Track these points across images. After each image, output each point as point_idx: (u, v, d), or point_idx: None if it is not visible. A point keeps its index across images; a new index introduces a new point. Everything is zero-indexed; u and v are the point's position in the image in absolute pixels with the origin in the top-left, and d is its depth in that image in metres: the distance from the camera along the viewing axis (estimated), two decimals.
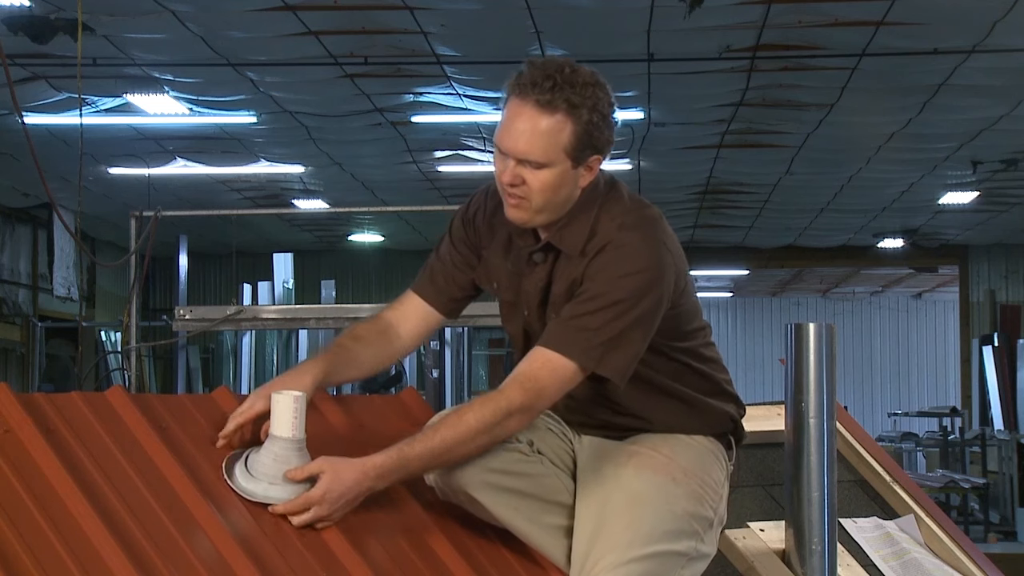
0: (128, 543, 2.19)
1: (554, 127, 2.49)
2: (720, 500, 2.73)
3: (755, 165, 12.34)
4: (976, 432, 14.62)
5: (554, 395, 2.54)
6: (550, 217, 2.60)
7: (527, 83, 2.51)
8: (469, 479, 2.57)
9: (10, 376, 14.07)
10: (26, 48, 8.10)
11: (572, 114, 2.50)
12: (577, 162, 2.55)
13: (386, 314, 2.82)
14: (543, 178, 2.53)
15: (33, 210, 14.28)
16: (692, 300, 2.71)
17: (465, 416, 2.49)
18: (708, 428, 2.77)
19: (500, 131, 2.55)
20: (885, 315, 23.69)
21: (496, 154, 2.58)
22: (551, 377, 2.51)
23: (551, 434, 2.73)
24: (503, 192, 2.59)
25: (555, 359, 2.51)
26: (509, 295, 2.74)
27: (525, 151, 2.51)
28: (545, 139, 2.50)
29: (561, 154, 2.51)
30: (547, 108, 2.49)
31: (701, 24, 7.74)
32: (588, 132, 2.52)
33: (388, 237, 17.36)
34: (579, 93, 2.50)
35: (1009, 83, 9.11)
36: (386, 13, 7.80)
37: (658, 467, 2.64)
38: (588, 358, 2.50)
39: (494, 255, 2.75)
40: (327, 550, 2.46)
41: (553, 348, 2.51)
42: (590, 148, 2.55)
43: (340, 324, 6.04)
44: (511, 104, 2.54)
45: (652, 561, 2.54)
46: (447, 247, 2.82)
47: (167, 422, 2.52)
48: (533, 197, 2.55)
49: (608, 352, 2.51)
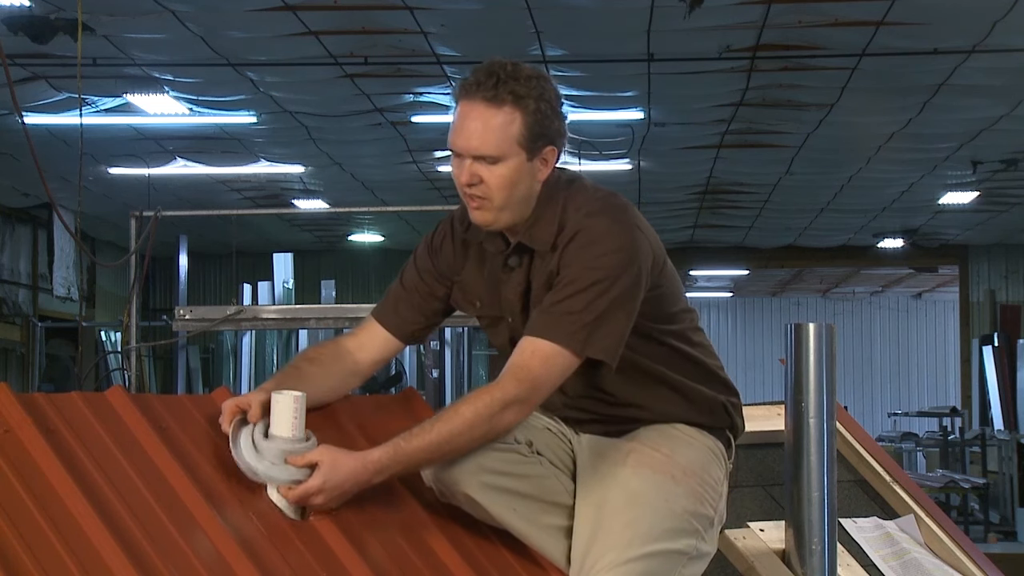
0: (128, 543, 2.19)
1: (504, 119, 2.54)
2: (720, 498, 2.73)
3: (755, 165, 12.34)
4: (976, 432, 14.62)
5: (548, 384, 2.54)
6: (514, 215, 2.62)
7: (472, 84, 2.56)
8: (467, 480, 2.57)
9: (10, 376, 14.06)
10: (26, 48, 8.10)
11: (519, 105, 2.55)
12: (532, 154, 2.58)
13: (344, 340, 2.83)
14: (500, 173, 2.56)
15: (33, 210, 14.28)
16: (674, 282, 2.72)
17: (461, 409, 2.50)
18: (704, 417, 2.76)
19: (452, 134, 2.59)
20: (885, 315, 23.69)
21: (452, 160, 2.61)
22: (543, 366, 2.51)
23: (550, 434, 2.73)
24: (464, 196, 2.61)
25: (543, 346, 2.52)
26: (492, 310, 2.74)
27: (478, 147, 2.55)
28: (496, 132, 2.54)
29: (514, 146, 2.55)
30: (494, 102, 2.54)
31: (701, 24, 7.74)
32: (538, 121, 2.56)
33: (388, 237, 17.36)
34: (523, 85, 2.55)
35: (1009, 83, 9.11)
36: (386, 13, 7.80)
37: (657, 465, 2.64)
38: (575, 341, 2.51)
39: (470, 275, 2.76)
40: (327, 550, 2.46)
41: (540, 336, 2.52)
42: (542, 139, 2.58)
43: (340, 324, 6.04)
44: (460, 107, 2.58)
45: (652, 560, 2.54)
46: (412, 277, 2.82)
47: (167, 422, 2.52)
48: (493, 195, 2.57)
49: (594, 333, 2.52)
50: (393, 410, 3.01)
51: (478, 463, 2.57)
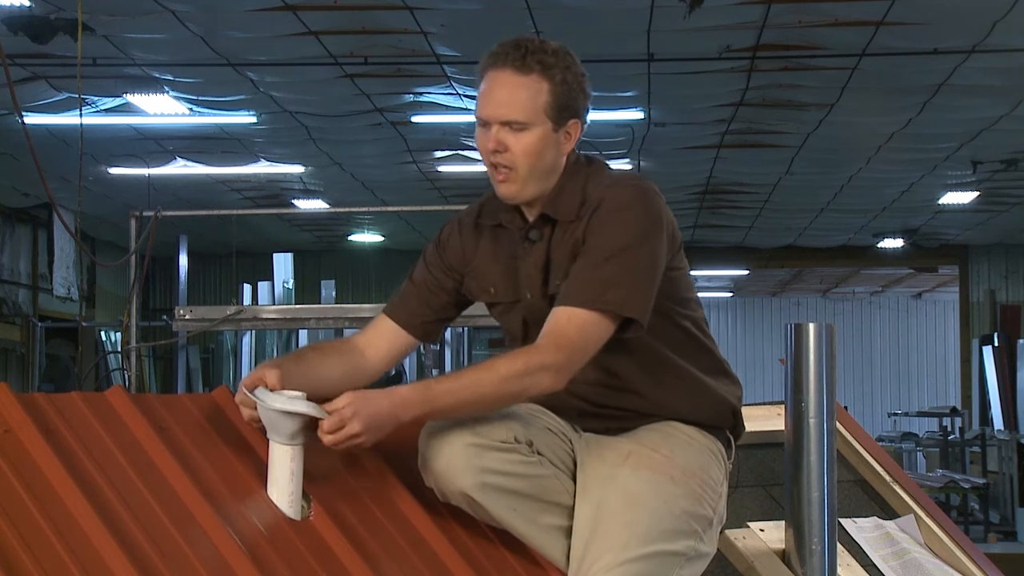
0: (128, 543, 2.19)
1: (531, 86, 2.60)
2: (719, 499, 2.72)
3: (755, 165, 12.35)
4: (976, 432, 14.62)
5: (585, 351, 2.55)
6: (538, 187, 2.65)
7: (499, 54, 2.62)
8: (467, 481, 2.57)
9: (10, 376, 14.06)
10: (26, 48, 8.10)
11: (547, 74, 2.60)
12: (557, 124, 2.63)
13: (353, 337, 2.83)
14: (526, 141, 2.60)
15: (33, 210, 14.28)
16: (688, 271, 2.77)
17: (497, 364, 2.51)
18: (705, 415, 2.76)
19: (479, 103, 2.64)
20: (885, 315, 23.69)
21: (478, 131, 2.66)
22: (579, 332, 2.53)
23: (551, 434, 2.73)
24: (490, 168, 2.65)
25: (579, 314, 2.53)
26: (507, 295, 2.75)
27: (505, 113, 2.60)
28: (524, 99, 2.59)
29: (541, 114, 2.60)
30: (522, 71, 2.60)
31: (701, 24, 7.74)
32: (565, 92, 2.62)
33: (388, 237, 17.36)
34: (551, 56, 2.62)
35: (1009, 83, 9.11)
36: (386, 13, 7.80)
37: (656, 466, 2.64)
38: (609, 304, 2.54)
39: (483, 262, 2.77)
40: (327, 550, 2.46)
41: (574, 304, 2.54)
42: (567, 110, 2.63)
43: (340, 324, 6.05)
44: (487, 76, 2.64)
45: (650, 561, 2.54)
46: (421, 272, 2.84)
47: (167, 422, 2.52)
48: (519, 163, 2.61)
49: (628, 294, 2.55)
50: None
51: (478, 464, 2.56)
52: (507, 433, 2.59)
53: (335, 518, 2.53)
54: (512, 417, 2.63)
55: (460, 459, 2.56)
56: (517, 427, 2.61)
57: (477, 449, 2.56)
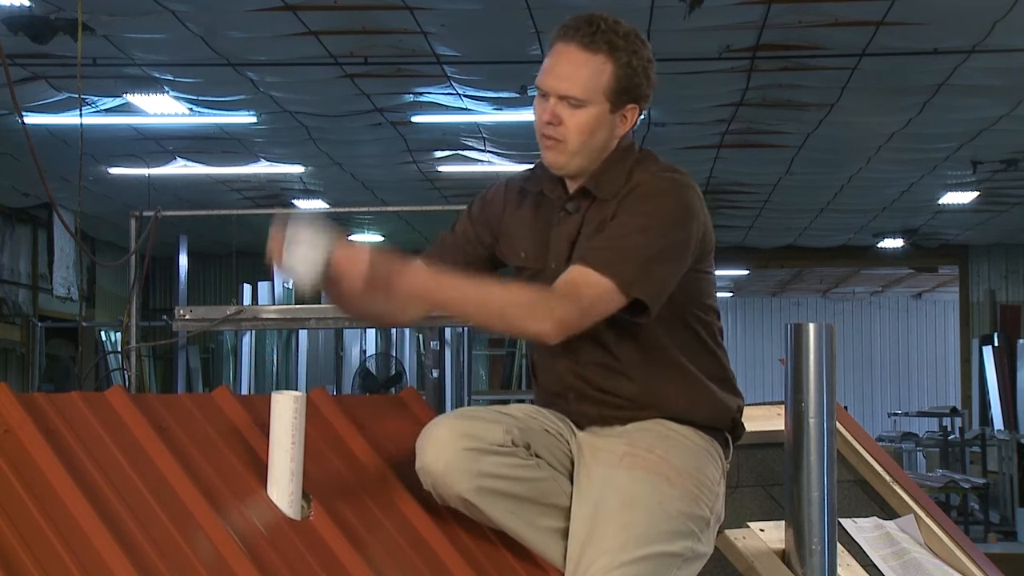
0: (128, 543, 2.19)
1: (595, 66, 2.61)
2: (716, 499, 2.72)
3: (755, 165, 12.35)
4: (976, 432, 14.63)
5: (591, 315, 2.52)
6: (584, 163, 2.66)
7: (571, 28, 2.64)
8: (465, 485, 2.55)
9: (10, 376, 14.07)
10: (26, 48, 8.10)
11: (613, 56, 2.61)
12: (615, 106, 2.64)
13: None
14: (580, 119, 2.61)
15: (33, 210, 14.28)
16: (713, 277, 2.76)
17: (511, 287, 2.53)
18: (704, 417, 2.74)
19: (542, 73, 2.65)
20: (885, 315, 23.70)
21: (536, 100, 2.67)
22: (591, 294, 2.51)
23: (548, 436, 2.72)
24: (540, 138, 2.66)
25: (594, 276, 2.52)
26: (536, 261, 2.75)
27: (566, 88, 2.60)
28: (585, 76, 2.60)
29: (599, 95, 2.61)
30: (589, 48, 2.61)
31: (701, 24, 7.74)
32: (628, 76, 2.63)
33: (388, 237, 17.35)
34: (621, 38, 2.63)
35: (1009, 83, 9.11)
36: (386, 13, 7.80)
37: (652, 467, 2.63)
38: (624, 277, 2.52)
39: (518, 225, 2.79)
40: (327, 550, 2.46)
41: (591, 266, 2.53)
42: (628, 95, 2.65)
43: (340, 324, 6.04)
44: (555, 47, 2.65)
45: (647, 563, 2.53)
46: (463, 223, 2.86)
47: (167, 422, 2.52)
48: (570, 138, 2.62)
49: (642, 274, 2.53)
50: (393, 410, 3.01)
51: (475, 468, 2.55)
52: (505, 436, 2.58)
53: (335, 518, 2.53)
54: (510, 419, 2.62)
55: (457, 463, 2.54)
56: (515, 430, 2.60)
57: (474, 453, 2.54)
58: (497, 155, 11.74)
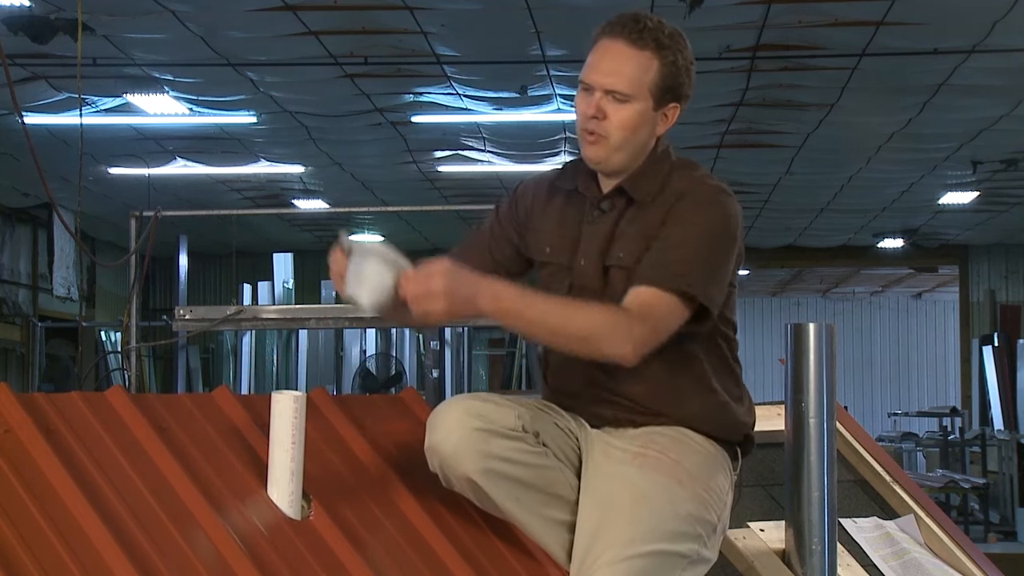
0: (128, 543, 2.19)
1: (642, 62, 2.63)
2: (724, 507, 2.73)
3: (755, 165, 12.35)
4: (976, 432, 14.62)
5: (664, 332, 2.56)
6: (624, 160, 2.68)
7: (617, 24, 2.66)
8: (473, 465, 2.57)
9: (10, 376, 14.07)
10: (26, 48, 8.10)
11: (659, 54, 2.64)
12: (658, 104, 2.67)
13: None
14: (624, 114, 2.63)
15: (33, 210, 14.28)
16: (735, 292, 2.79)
17: (592, 309, 2.53)
18: (717, 429, 2.76)
19: (587, 68, 2.66)
20: (885, 315, 23.69)
21: (579, 94, 2.68)
22: (664, 313, 2.55)
23: (557, 429, 2.73)
24: (581, 133, 2.67)
25: (663, 295, 2.55)
26: (560, 257, 2.76)
27: (612, 83, 2.62)
28: (632, 72, 2.62)
29: (645, 91, 2.64)
30: (637, 44, 2.63)
31: (701, 24, 7.74)
32: (673, 74, 2.66)
33: (388, 237, 17.34)
34: (667, 37, 2.66)
35: (1009, 83, 9.12)
36: (386, 13, 7.80)
37: (664, 468, 2.64)
38: (689, 290, 2.56)
39: (547, 220, 2.80)
40: (327, 550, 2.46)
41: (658, 285, 2.56)
42: (671, 93, 2.67)
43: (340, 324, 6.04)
44: (600, 43, 2.66)
45: (652, 559, 2.54)
46: (491, 220, 2.87)
47: (167, 422, 2.52)
48: (612, 134, 2.64)
49: (704, 282, 2.58)
50: (393, 410, 3.01)
51: (484, 449, 2.56)
52: (515, 421, 2.59)
53: (335, 518, 2.53)
54: (521, 406, 2.64)
55: (467, 443, 2.56)
56: (525, 416, 2.62)
57: (484, 434, 2.56)
58: (497, 155, 11.74)
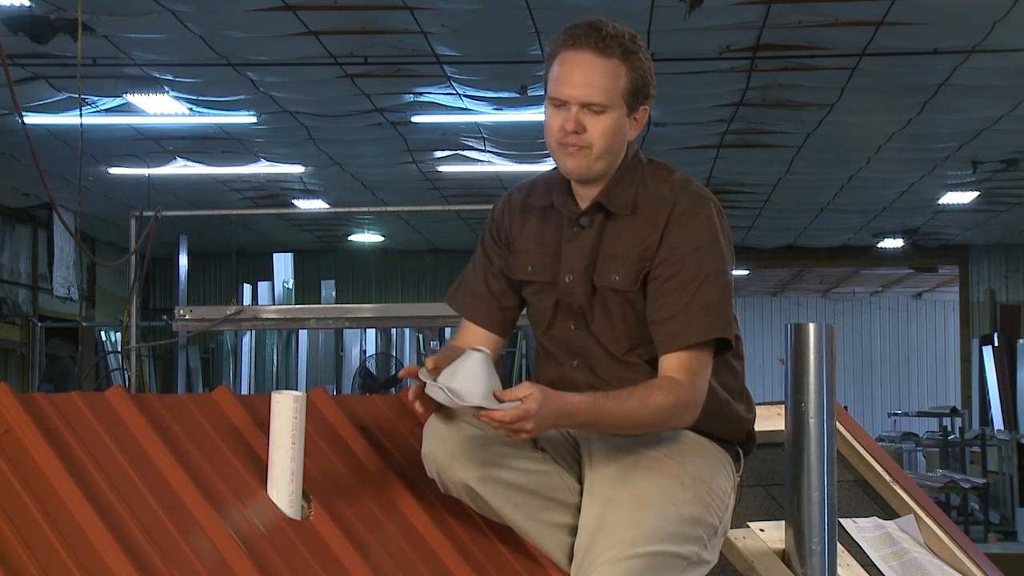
0: (128, 543, 2.19)
1: (612, 70, 2.63)
2: (726, 510, 2.73)
3: (755, 165, 12.34)
4: (976, 432, 14.62)
5: (707, 379, 2.63)
6: (605, 167, 2.67)
7: (579, 35, 2.65)
8: (470, 472, 2.57)
9: (10, 376, 14.06)
10: (26, 48, 8.10)
11: (626, 60, 2.64)
12: (631, 109, 2.67)
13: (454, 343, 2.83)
14: (604, 124, 2.63)
15: (33, 210, 14.28)
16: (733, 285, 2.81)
17: (655, 395, 2.55)
18: (720, 429, 2.76)
19: (558, 82, 2.63)
20: (885, 315, 23.69)
21: (550, 110, 2.65)
22: (699, 367, 2.60)
23: (555, 432, 2.73)
24: (559, 146, 2.65)
25: (692, 354, 2.59)
26: (543, 275, 2.76)
27: (588, 94, 2.61)
28: (604, 81, 2.62)
29: (618, 98, 2.64)
30: (604, 53, 2.62)
31: (701, 24, 7.74)
32: (641, 77, 2.66)
33: (388, 237, 17.35)
34: (630, 41, 2.66)
35: (1009, 83, 9.11)
36: (386, 13, 7.80)
37: (667, 470, 2.64)
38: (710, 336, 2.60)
39: (526, 239, 2.79)
40: (327, 550, 2.46)
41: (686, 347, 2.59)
42: (641, 95, 2.68)
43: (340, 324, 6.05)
44: (565, 57, 2.64)
45: (653, 559, 2.54)
46: (481, 262, 2.85)
47: (167, 422, 2.52)
48: (595, 144, 2.63)
49: (720, 321, 2.62)
50: (393, 410, 3.01)
51: (482, 456, 2.57)
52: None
53: (335, 518, 2.53)
54: None
55: (464, 451, 2.56)
56: None
57: (481, 441, 2.56)
58: (497, 155, 11.74)
